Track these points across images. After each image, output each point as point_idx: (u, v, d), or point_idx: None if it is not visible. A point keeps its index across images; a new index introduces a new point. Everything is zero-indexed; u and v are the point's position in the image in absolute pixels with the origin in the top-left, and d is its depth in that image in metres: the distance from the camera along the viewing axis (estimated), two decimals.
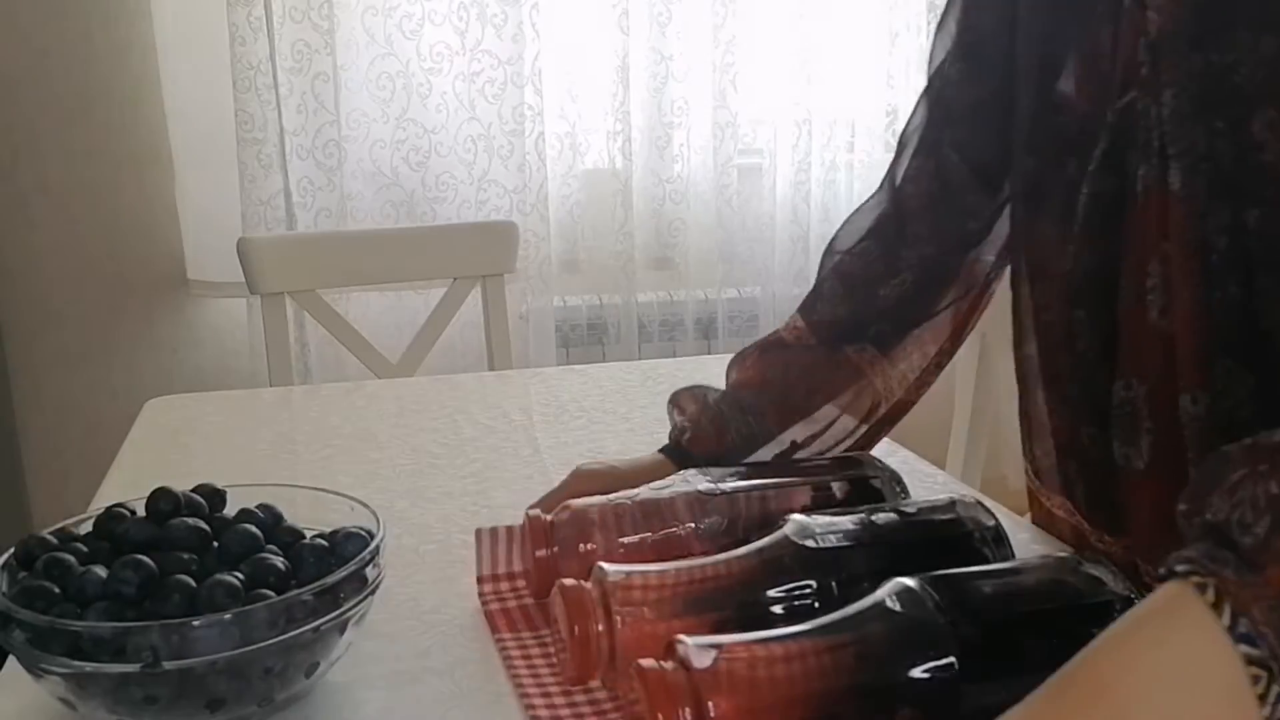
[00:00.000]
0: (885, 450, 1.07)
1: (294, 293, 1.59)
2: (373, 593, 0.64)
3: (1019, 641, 0.56)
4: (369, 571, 0.64)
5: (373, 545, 0.64)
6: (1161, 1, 0.65)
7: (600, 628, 0.59)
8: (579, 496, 0.75)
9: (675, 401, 0.91)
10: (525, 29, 2.10)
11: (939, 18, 0.89)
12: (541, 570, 0.72)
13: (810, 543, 0.64)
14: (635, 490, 0.75)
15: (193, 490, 0.69)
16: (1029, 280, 0.82)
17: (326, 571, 0.61)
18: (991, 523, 0.69)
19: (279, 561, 0.62)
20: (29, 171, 2.11)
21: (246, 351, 2.16)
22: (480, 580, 0.76)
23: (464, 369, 2.00)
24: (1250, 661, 0.41)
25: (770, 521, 0.67)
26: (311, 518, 0.69)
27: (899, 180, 0.91)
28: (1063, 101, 0.75)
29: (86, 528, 0.67)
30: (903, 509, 0.71)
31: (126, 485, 0.98)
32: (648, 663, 0.52)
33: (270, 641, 0.57)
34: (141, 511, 0.66)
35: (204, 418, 1.21)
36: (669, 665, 0.52)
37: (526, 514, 0.75)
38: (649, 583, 0.62)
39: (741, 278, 2.36)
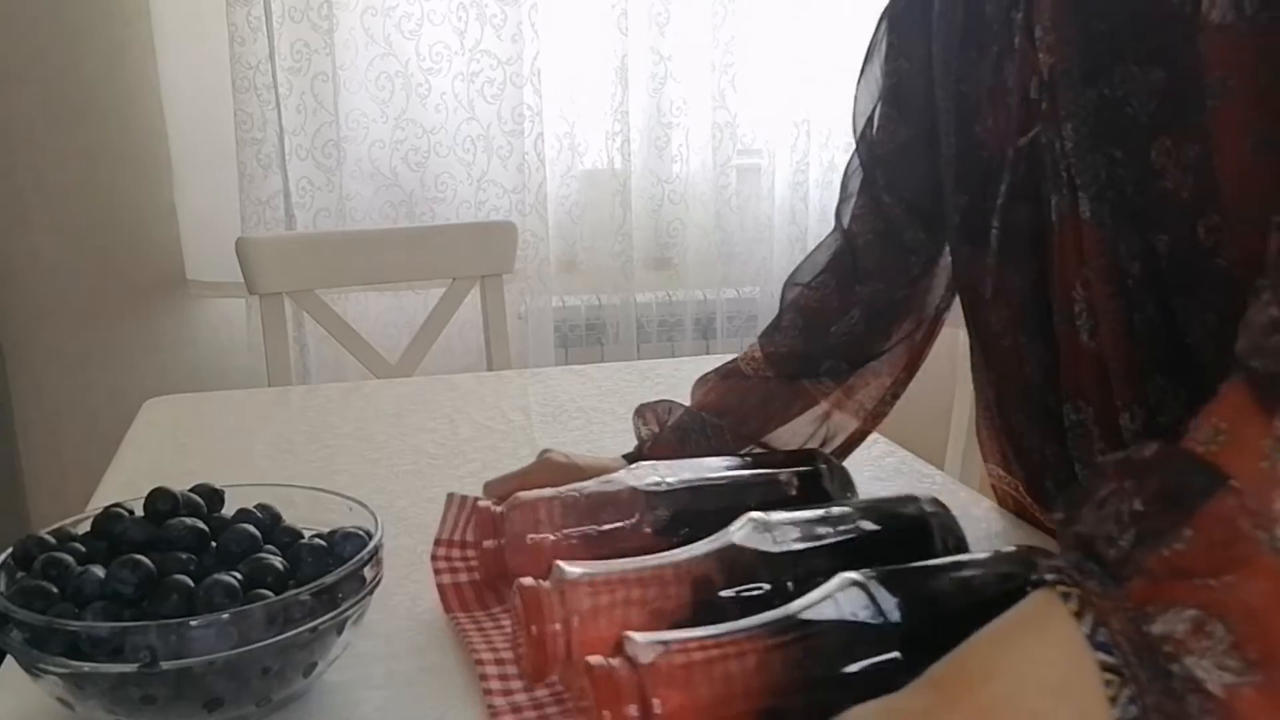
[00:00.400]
0: (884, 451, 1.07)
1: (293, 293, 1.59)
2: (371, 593, 0.64)
3: (963, 635, 0.56)
4: (367, 571, 0.64)
5: (371, 545, 0.64)
6: (1052, 41, 0.67)
7: (557, 627, 0.60)
8: (537, 486, 0.76)
9: (640, 413, 0.94)
10: (524, 29, 2.10)
11: (861, 65, 0.91)
12: (488, 560, 0.73)
13: (767, 544, 0.64)
14: (585, 483, 0.76)
15: (191, 490, 0.69)
16: (977, 310, 0.83)
17: (325, 571, 0.61)
18: (948, 518, 0.69)
19: (277, 561, 0.62)
20: (28, 171, 2.11)
21: (245, 351, 2.16)
22: (437, 543, 0.78)
23: (462, 369, 2.00)
24: (1105, 668, 0.43)
25: (720, 516, 0.68)
26: (310, 518, 0.69)
27: (846, 221, 0.93)
28: (983, 138, 0.77)
29: (85, 527, 0.67)
30: (859, 506, 0.71)
31: (125, 485, 0.98)
32: (596, 659, 0.53)
33: (268, 641, 0.57)
34: (140, 511, 0.66)
35: (202, 418, 1.21)
36: (616, 662, 0.53)
37: (476, 503, 0.77)
38: (608, 582, 0.62)
39: (740, 278, 2.36)
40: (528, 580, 0.62)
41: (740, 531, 0.65)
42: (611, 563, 0.64)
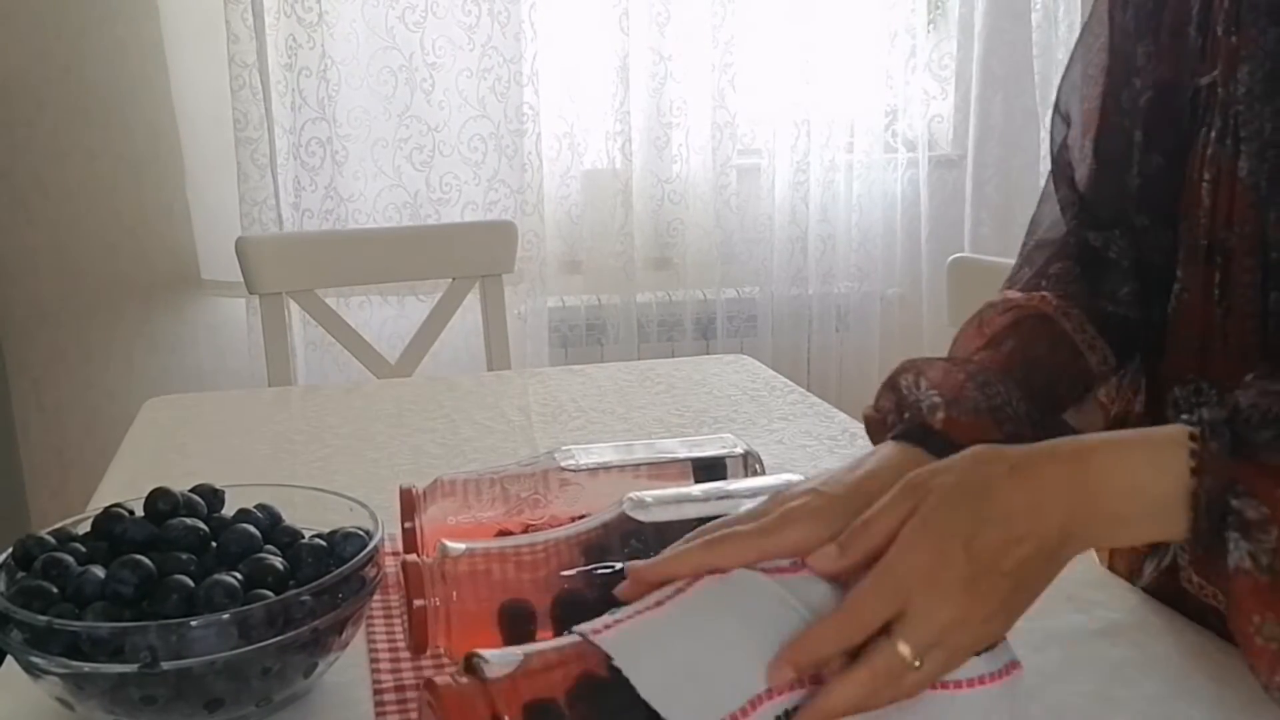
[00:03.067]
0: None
1: (293, 292, 1.59)
2: (371, 593, 0.64)
3: None
4: (367, 572, 0.64)
5: (371, 545, 0.64)
6: None
7: (436, 601, 0.62)
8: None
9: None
10: (525, 28, 2.10)
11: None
12: (409, 539, 0.76)
13: (641, 517, 0.66)
14: (502, 465, 0.79)
15: (191, 490, 0.69)
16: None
17: (325, 572, 0.61)
18: None
19: (277, 562, 0.62)
20: (28, 170, 2.11)
21: (245, 351, 2.16)
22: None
23: (462, 369, 2.00)
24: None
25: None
26: (310, 518, 0.69)
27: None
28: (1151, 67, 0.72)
29: (85, 528, 0.66)
30: (729, 486, 0.72)
31: (125, 485, 0.98)
32: (442, 679, 0.50)
33: (268, 642, 0.57)
34: (140, 511, 0.66)
35: (202, 418, 1.21)
36: (465, 680, 0.50)
37: (400, 486, 0.78)
38: (487, 557, 0.64)
39: (740, 278, 2.36)
40: (410, 556, 0.65)
41: (619, 509, 0.67)
42: (495, 540, 0.67)
